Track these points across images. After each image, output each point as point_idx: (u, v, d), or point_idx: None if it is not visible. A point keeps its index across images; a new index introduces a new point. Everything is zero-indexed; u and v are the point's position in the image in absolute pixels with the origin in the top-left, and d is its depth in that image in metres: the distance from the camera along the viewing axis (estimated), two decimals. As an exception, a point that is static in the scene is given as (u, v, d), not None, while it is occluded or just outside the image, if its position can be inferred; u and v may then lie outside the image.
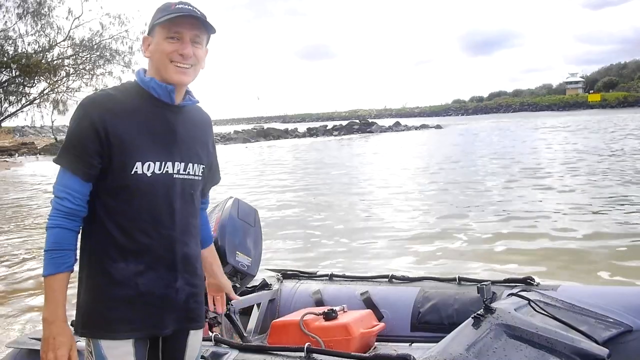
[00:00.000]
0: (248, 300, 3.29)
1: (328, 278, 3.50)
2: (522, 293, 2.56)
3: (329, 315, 2.85)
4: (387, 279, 3.33)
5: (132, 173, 1.63)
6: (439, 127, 53.08)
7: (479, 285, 2.25)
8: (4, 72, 33.85)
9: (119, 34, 35.19)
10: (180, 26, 1.68)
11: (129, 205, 1.64)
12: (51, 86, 34.99)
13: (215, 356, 2.27)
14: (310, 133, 49.01)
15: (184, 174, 1.72)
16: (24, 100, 35.89)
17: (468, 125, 58.55)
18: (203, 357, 2.11)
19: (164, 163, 1.68)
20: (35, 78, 34.18)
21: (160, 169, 1.67)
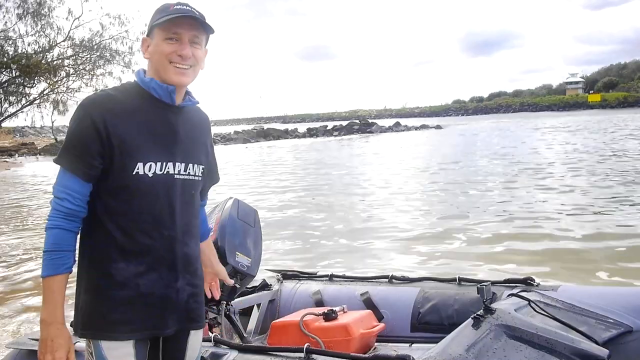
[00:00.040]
0: (248, 301, 3.29)
1: (328, 278, 3.50)
2: (522, 293, 2.55)
3: (329, 316, 2.85)
4: (387, 280, 3.33)
5: (134, 174, 1.63)
6: (439, 128, 53.07)
7: (479, 286, 2.25)
8: (4, 73, 33.88)
9: (119, 35, 35.27)
10: (179, 27, 1.68)
11: (129, 206, 1.64)
12: (51, 86, 35.02)
13: (214, 357, 2.27)
14: (310, 133, 49.00)
15: (184, 175, 1.72)
16: (24, 101, 35.96)
17: (468, 125, 58.54)
18: (202, 358, 2.10)
19: (165, 163, 1.67)
20: (35, 78, 34.21)
21: (161, 170, 1.67)
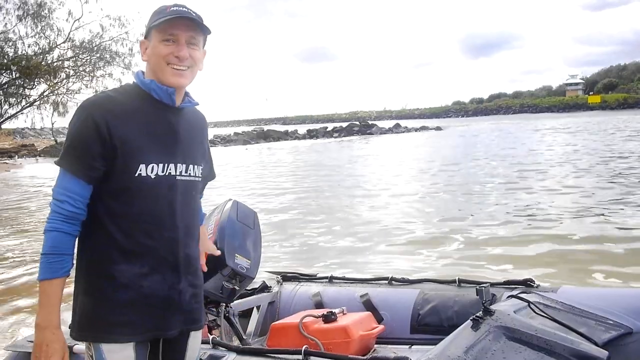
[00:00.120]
0: (248, 303, 3.29)
1: (328, 280, 3.50)
2: (522, 295, 2.55)
3: (328, 318, 2.85)
4: (387, 281, 3.33)
5: (136, 175, 1.62)
6: (439, 129, 53.07)
7: (478, 288, 2.24)
8: (4, 74, 33.89)
9: (119, 36, 35.27)
10: (176, 28, 1.68)
11: (131, 208, 1.63)
12: (51, 88, 35.04)
13: (212, 359, 2.27)
14: (310, 135, 48.98)
15: (185, 176, 1.72)
16: (24, 102, 35.95)
17: (468, 127, 58.57)
18: (201, 360, 2.10)
19: (166, 165, 1.67)
20: (35, 80, 34.22)
21: (163, 171, 1.67)
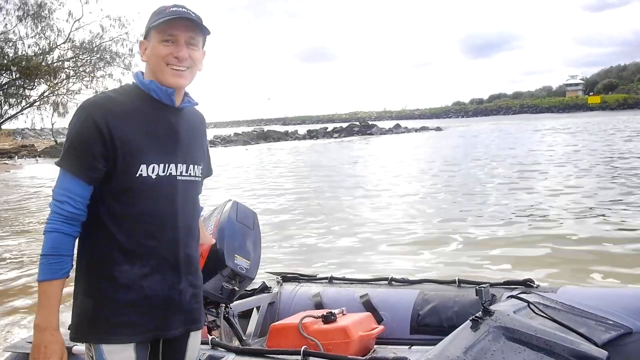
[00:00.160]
0: (247, 304, 3.29)
1: (328, 281, 3.50)
2: (522, 295, 2.55)
3: (328, 318, 2.85)
4: (387, 282, 3.32)
5: (137, 176, 1.62)
6: (439, 129, 53.07)
7: (478, 288, 2.23)
8: (4, 75, 33.84)
9: (119, 36, 35.15)
10: (175, 29, 1.68)
11: (132, 208, 1.63)
12: (51, 88, 34.98)
13: (211, 359, 2.27)
14: (311, 135, 48.98)
15: (186, 176, 1.73)
16: (24, 103, 35.87)
17: (468, 127, 58.57)
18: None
19: (167, 165, 1.67)
20: (35, 80, 34.16)
21: (164, 171, 1.67)
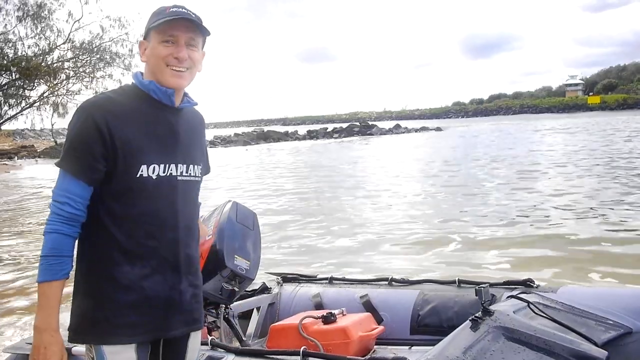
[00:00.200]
0: (247, 304, 3.29)
1: (328, 281, 3.50)
2: (522, 295, 2.55)
3: (328, 319, 2.85)
4: (387, 282, 3.32)
5: (138, 176, 1.62)
6: (439, 130, 53.06)
7: (477, 288, 2.24)
8: (3, 75, 33.83)
9: (119, 37, 35.18)
10: (175, 29, 1.68)
11: (133, 209, 1.63)
12: (51, 89, 34.99)
13: None
14: (311, 135, 48.99)
15: (186, 176, 1.73)
16: (23, 103, 35.89)
17: (468, 127, 58.57)
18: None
19: (167, 165, 1.68)
20: (35, 81, 34.16)
21: (164, 172, 1.67)
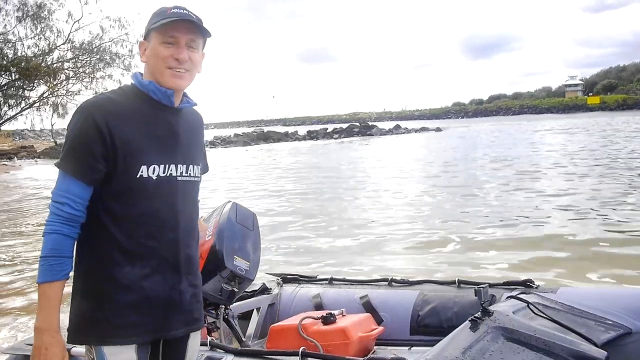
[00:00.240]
0: (247, 305, 3.29)
1: (328, 282, 3.50)
2: (521, 296, 2.55)
3: (327, 319, 2.85)
4: (387, 283, 3.33)
5: (138, 176, 1.62)
6: (439, 130, 53.06)
7: (477, 288, 2.24)
8: (3, 76, 33.79)
9: (119, 37, 35.15)
10: (176, 30, 1.67)
11: (133, 209, 1.63)
12: (51, 89, 34.95)
13: None
14: (311, 136, 48.98)
15: (186, 176, 1.73)
16: (23, 104, 35.85)
17: (468, 128, 58.59)
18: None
19: (167, 166, 1.68)
20: (35, 81, 34.13)
21: (164, 172, 1.67)
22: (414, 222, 9.18)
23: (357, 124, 58.53)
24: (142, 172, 1.63)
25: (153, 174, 1.64)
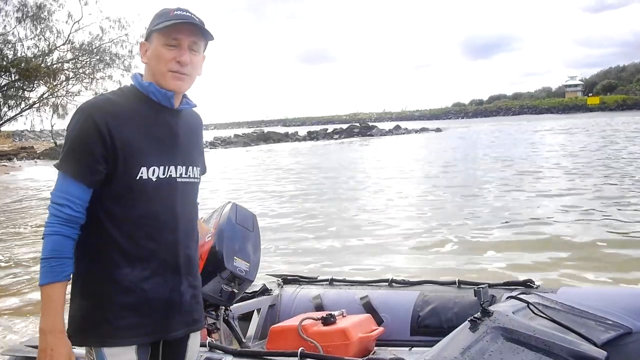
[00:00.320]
0: (248, 306, 3.29)
1: (328, 283, 3.50)
2: (521, 296, 2.54)
3: (327, 320, 2.85)
4: (387, 283, 3.33)
5: (137, 178, 1.62)
6: (439, 130, 53.04)
7: (476, 289, 2.24)
8: (3, 76, 33.77)
9: (118, 38, 35.14)
10: (179, 33, 1.67)
11: (133, 211, 1.63)
12: (51, 90, 34.94)
13: None
14: (311, 137, 48.99)
15: (185, 178, 1.73)
16: (23, 105, 35.81)
17: (468, 128, 58.57)
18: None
19: (167, 167, 1.67)
20: (35, 82, 34.11)
21: (164, 174, 1.67)
22: (414, 223, 9.18)
23: (357, 124, 58.55)
24: (142, 174, 1.63)
25: (153, 175, 1.64)
